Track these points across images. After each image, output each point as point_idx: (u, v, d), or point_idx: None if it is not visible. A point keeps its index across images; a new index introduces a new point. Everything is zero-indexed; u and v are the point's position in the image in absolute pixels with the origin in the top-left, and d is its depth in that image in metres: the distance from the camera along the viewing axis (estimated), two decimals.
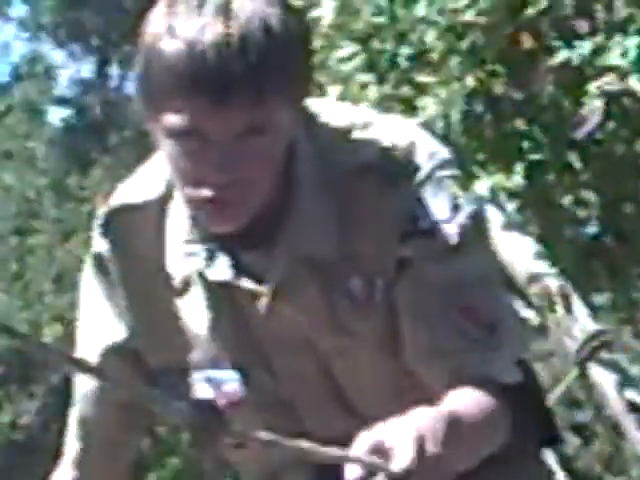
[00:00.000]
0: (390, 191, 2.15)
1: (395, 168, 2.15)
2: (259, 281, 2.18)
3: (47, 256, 23.63)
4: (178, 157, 2.00)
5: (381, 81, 6.44)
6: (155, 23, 1.98)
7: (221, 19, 1.89)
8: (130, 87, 29.57)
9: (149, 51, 1.98)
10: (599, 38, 6.16)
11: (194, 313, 2.27)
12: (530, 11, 6.24)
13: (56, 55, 30.92)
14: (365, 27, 6.47)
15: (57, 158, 25.87)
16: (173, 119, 1.94)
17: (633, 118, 6.38)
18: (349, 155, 2.17)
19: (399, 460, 1.63)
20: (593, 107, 6.04)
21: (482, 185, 6.17)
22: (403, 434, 1.68)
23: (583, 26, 6.36)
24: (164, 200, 2.24)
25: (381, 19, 6.39)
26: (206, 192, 1.99)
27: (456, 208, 2.17)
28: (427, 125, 5.72)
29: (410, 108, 6.28)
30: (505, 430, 2.16)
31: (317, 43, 6.46)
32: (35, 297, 24.31)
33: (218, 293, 2.22)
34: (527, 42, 6.29)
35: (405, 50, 6.33)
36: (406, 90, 6.37)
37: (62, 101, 29.80)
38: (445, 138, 5.92)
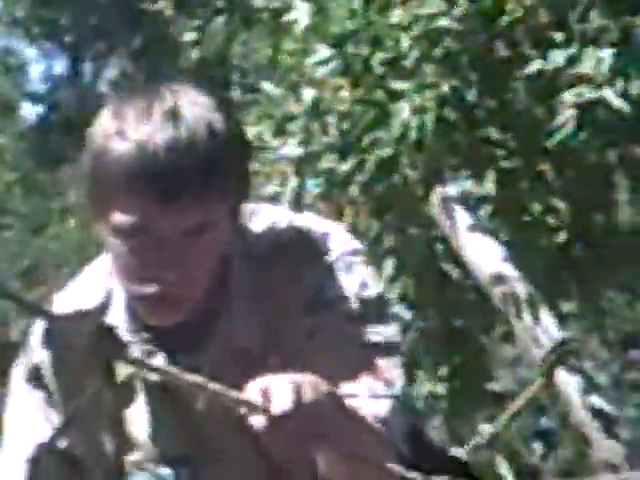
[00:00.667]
0: (303, 268, 2.24)
1: (309, 249, 2.26)
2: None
3: (17, 250, 23.81)
4: (124, 254, 2.06)
5: (355, 85, 6.51)
6: (104, 125, 2.03)
7: (170, 123, 1.97)
8: (102, 85, 30.19)
9: (98, 151, 2.01)
10: (573, 48, 6.29)
11: (133, 414, 2.24)
12: (505, 19, 6.36)
13: (29, 52, 31.13)
14: (340, 31, 6.55)
15: (27, 154, 26.06)
16: (122, 217, 1.99)
17: (605, 128, 6.46)
18: (269, 240, 2.27)
19: (278, 403, 1.75)
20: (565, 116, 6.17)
21: (452, 189, 6.45)
22: (286, 382, 1.81)
23: (557, 36, 6.44)
24: (103, 308, 2.21)
25: (356, 24, 6.49)
26: (150, 289, 2.04)
27: (363, 286, 2.26)
28: (402, 130, 6.14)
29: (384, 114, 6.37)
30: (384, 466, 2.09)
31: (291, 46, 6.82)
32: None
33: (158, 393, 2.26)
34: (501, 50, 6.45)
35: (379, 55, 6.40)
36: (380, 95, 6.44)
37: (34, 97, 29.98)
38: (419, 143, 6.25)
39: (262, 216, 2.34)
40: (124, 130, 1.96)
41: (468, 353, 7.53)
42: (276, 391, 1.79)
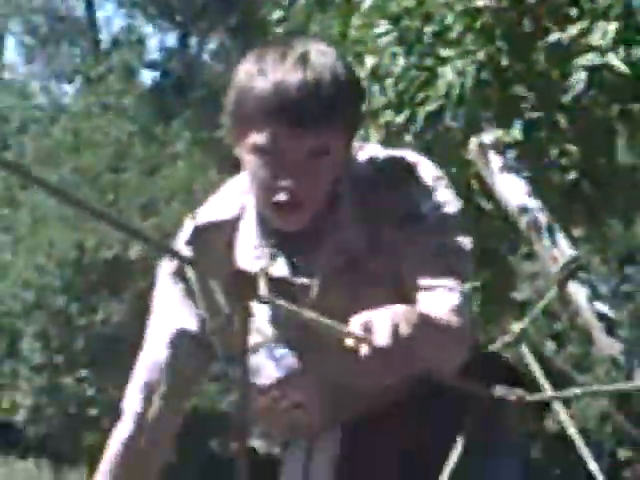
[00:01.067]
0: (399, 188, 2.28)
1: (403, 173, 2.29)
2: (309, 277, 2.28)
3: (136, 188, 23.85)
4: (260, 169, 2.12)
5: (409, 53, 6.59)
6: (248, 66, 2.15)
7: (301, 67, 2.07)
8: (205, 55, 30.21)
9: (243, 86, 2.13)
10: (584, 22, 6.27)
11: (259, 309, 2.30)
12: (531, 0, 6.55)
13: (146, 28, 31.31)
14: (397, 9, 6.64)
15: (145, 110, 26.39)
16: (259, 137, 2.07)
17: (610, 88, 6.49)
18: (373, 166, 2.31)
19: (380, 335, 1.73)
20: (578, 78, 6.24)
21: (487, 137, 6.41)
22: (384, 317, 1.78)
23: (572, 12, 6.48)
24: (236, 220, 2.33)
25: (410, 2, 6.54)
26: (281, 196, 2.09)
27: (447, 204, 2.29)
28: (446, 89, 6.29)
29: (432, 76, 6.46)
30: (464, 351, 2.24)
31: (357, 22, 6.85)
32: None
33: (277, 287, 2.20)
34: (527, 24, 6.54)
35: (429, 28, 6.49)
36: (429, 61, 6.54)
37: (151, 65, 30.36)
38: (460, 100, 6.34)
39: (367, 149, 2.37)
40: (264, 71, 2.07)
41: (497, 269, 7.63)
42: (377, 326, 1.80)
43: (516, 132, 6.58)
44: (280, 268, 2.29)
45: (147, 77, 32.72)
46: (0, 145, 27.25)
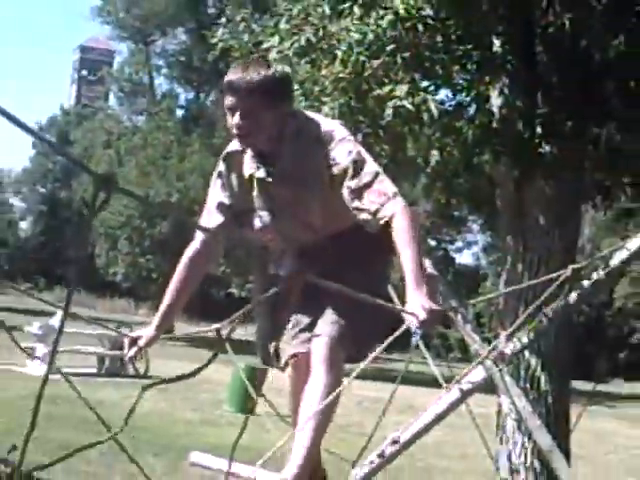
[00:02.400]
0: (321, 145, 3.51)
1: (323, 135, 3.52)
2: (273, 177, 3.54)
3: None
4: (227, 118, 3.49)
5: None
6: (228, 72, 3.51)
7: (244, 73, 3.43)
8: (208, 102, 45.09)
9: (224, 80, 3.51)
10: None
11: (253, 193, 3.63)
12: None
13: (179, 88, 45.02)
14: None
15: (180, 129, 42.15)
16: (225, 102, 3.49)
17: None
18: (305, 126, 3.58)
19: (424, 312, 3.15)
20: None
21: None
22: (426, 302, 3.22)
23: None
24: (243, 150, 3.64)
25: None
26: (235, 131, 3.49)
27: (354, 154, 3.48)
28: None
29: None
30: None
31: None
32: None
33: (260, 183, 3.61)
34: None
35: None
36: None
37: (181, 107, 44.29)
38: None
39: (306, 115, 3.72)
40: (232, 73, 3.46)
41: None
42: (426, 309, 3.17)
43: None
44: (261, 173, 3.58)
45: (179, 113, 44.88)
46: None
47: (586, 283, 5.72)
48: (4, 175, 71.27)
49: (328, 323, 3.42)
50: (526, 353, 6.06)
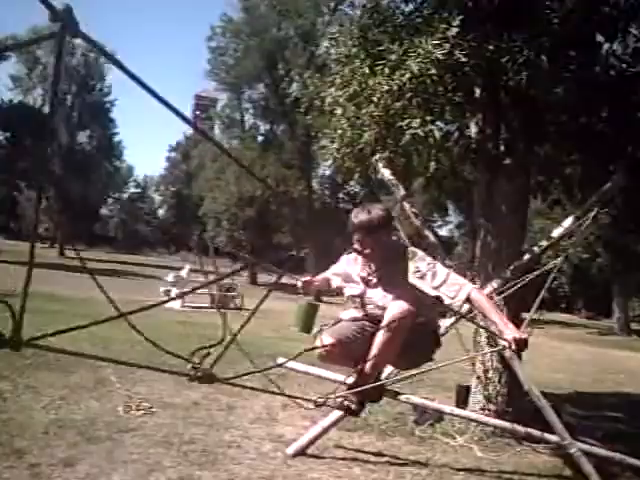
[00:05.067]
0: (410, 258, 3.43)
1: (408, 255, 3.47)
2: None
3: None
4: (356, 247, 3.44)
5: None
6: (352, 212, 3.47)
7: (365, 214, 3.38)
8: None
9: (350, 220, 3.41)
10: None
11: (355, 278, 3.66)
12: None
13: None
14: None
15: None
16: (354, 237, 3.42)
17: None
18: (397, 246, 3.63)
19: (522, 345, 3.26)
20: None
21: None
22: (516, 332, 3.29)
23: None
24: (356, 258, 3.67)
25: None
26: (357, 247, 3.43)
27: (432, 265, 3.44)
28: None
29: None
30: None
31: None
32: None
33: (360, 277, 3.64)
34: None
35: None
36: None
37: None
38: None
39: (394, 239, 3.85)
40: (355, 216, 3.42)
41: None
42: (522, 340, 3.23)
43: None
44: (364, 273, 3.59)
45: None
46: None
47: (536, 249, 5.78)
48: (149, 178, 78.87)
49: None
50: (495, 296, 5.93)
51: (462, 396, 7.61)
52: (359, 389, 3.44)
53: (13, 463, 4.87)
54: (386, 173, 6.98)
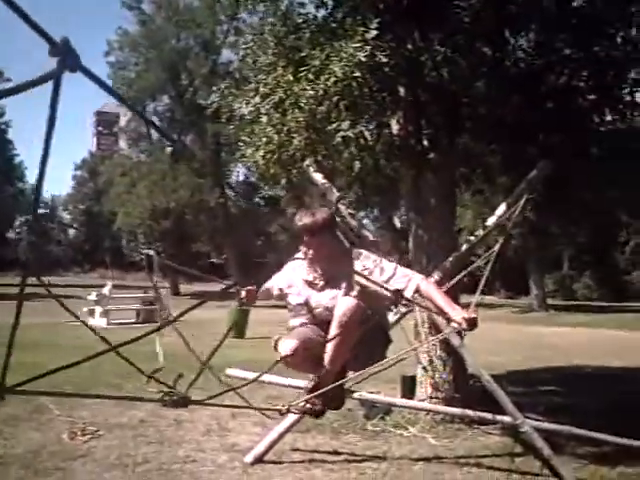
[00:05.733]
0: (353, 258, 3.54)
1: (355, 253, 3.59)
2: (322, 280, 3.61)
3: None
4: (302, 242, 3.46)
5: None
6: (296, 216, 3.50)
7: (310, 217, 3.43)
8: None
9: (295, 223, 3.47)
10: None
11: (300, 285, 3.68)
12: None
13: None
14: None
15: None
16: (302, 238, 3.47)
17: None
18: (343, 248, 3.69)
19: (472, 323, 3.25)
20: None
21: None
22: (464, 312, 3.31)
23: None
24: (303, 259, 3.64)
25: None
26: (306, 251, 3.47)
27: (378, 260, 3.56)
28: None
29: None
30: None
31: None
32: None
33: (306, 281, 3.66)
34: None
35: None
36: None
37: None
38: None
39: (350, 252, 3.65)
40: (299, 218, 3.46)
41: None
42: (471, 319, 3.24)
43: None
44: (310, 277, 3.61)
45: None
46: None
47: (473, 238, 6.01)
48: (56, 198, 75.65)
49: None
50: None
51: (408, 387, 7.82)
52: (320, 391, 3.47)
53: None
54: (318, 177, 7.08)
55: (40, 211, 72.92)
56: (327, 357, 3.44)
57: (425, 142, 7.35)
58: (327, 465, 5.92)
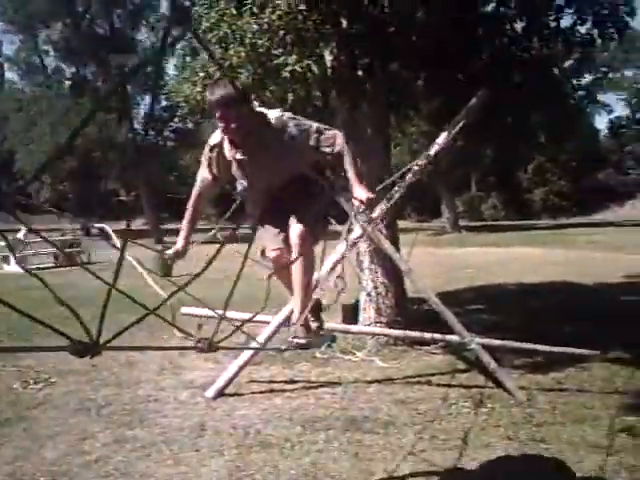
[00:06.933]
0: (277, 127, 3.42)
1: (277, 121, 3.43)
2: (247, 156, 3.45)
3: None
4: (215, 116, 3.30)
5: None
6: (208, 90, 3.38)
7: (217, 89, 3.28)
8: None
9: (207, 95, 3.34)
10: None
11: (233, 168, 3.55)
12: None
13: None
14: None
15: None
16: (213, 111, 3.29)
17: None
18: (264, 118, 3.42)
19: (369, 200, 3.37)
20: None
21: None
22: (367, 191, 3.43)
23: None
24: (221, 141, 3.52)
25: None
26: (221, 124, 3.32)
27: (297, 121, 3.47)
28: None
29: None
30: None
31: None
32: None
33: (238, 162, 3.52)
34: None
35: None
36: None
37: None
38: None
39: (259, 111, 3.50)
40: (213, 90, 3.31)
41: None
42: (370, 199, 3.41)
43: None
44: (239, 155, 3.48)
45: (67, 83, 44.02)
46: None
47: (416, 167, 6.16)
48: None
49: (295, 222, 3.49)
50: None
51: (349, 314, 8.08)
52: (303, 322, 3.60)
53: None
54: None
55: None
56: (297, 288, 3.56)
57: (359, 72, 7.41)
58: (286, 394, 6.13)
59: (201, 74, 6.68)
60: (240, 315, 5.97)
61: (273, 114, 3.44)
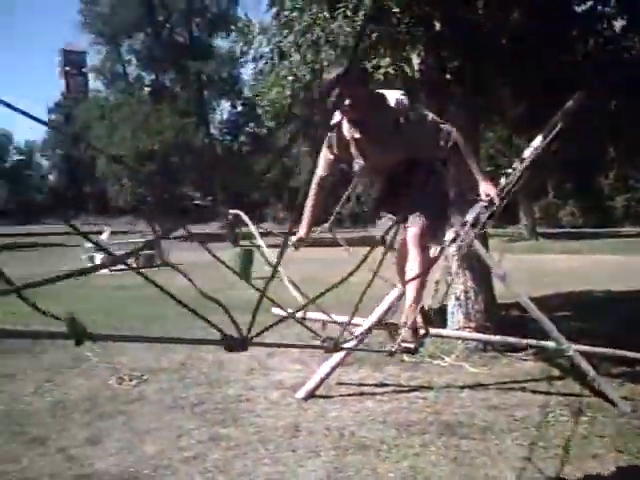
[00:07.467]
0: (397, 109, 3.33)
1: (398, 103, 3.34)
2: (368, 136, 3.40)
3: None
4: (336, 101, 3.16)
5: None
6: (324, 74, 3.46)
7: (337, 68, 3.34)
8: None
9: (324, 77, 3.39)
10: None
11: (352, 148, 3.52)
12: None
13: None
14: None
15: None
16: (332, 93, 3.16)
17: None
18: (384, 101, 3.34)
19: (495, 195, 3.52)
20: None
21: None
22: (493, 187, 3.58)
23: None
24: (340, 121, 3.48)
25: None
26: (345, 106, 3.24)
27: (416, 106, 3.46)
28: None
29: None
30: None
31: None
32: None
33: (357, 141, 3.49)
34: None
35: None
36: None
37: None
38: None
39: (379, 92, 3.43)
40: (327, 71, 3.49)
41: None
42: (495, 192, 3.52)
43: None
44: (357, 134, 3.45)
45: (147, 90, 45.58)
46: None
47: (510, 171, 6.04)
48: (31, 144, 73.35)
49: (417, 218, 3.40)
50: None
51: (436, 318, 7.96)
52: (413, 325, 3.54)
53: (40, 450, 4.88)
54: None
55: (15, 158, 71.87)
56: (409, 290, 3.46)
57: (448, 75, 7.30)
58: (377, 397, 6.11)
59: (290, 77, 6.72)
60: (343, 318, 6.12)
61: (393, 95, 3.39)
